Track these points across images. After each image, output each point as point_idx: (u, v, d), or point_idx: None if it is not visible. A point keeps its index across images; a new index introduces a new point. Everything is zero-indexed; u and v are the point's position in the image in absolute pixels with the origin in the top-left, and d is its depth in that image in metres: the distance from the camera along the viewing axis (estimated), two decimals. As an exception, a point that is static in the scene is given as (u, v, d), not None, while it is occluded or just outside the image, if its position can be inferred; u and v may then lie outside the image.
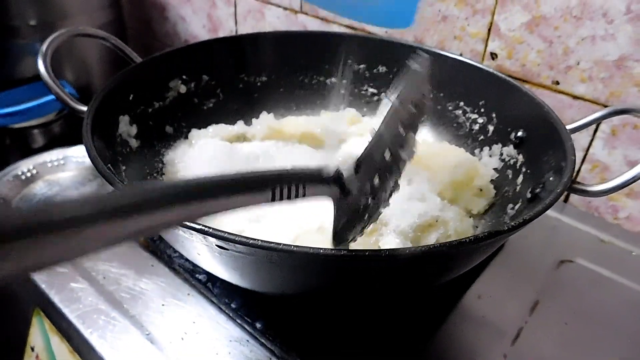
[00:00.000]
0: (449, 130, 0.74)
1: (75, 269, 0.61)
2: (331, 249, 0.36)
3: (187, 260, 0.61)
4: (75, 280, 0.59)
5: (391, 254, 0.36)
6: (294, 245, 0.35)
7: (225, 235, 0.35)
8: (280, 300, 0.56)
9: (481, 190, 0.62)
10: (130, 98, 0.60)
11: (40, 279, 0.59)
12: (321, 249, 0.35)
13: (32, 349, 0.63)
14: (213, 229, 0.36)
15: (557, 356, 0.54)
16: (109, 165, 0.46)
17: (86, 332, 0.53)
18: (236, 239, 0.35)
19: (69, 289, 0.58)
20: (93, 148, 0.44)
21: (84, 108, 0.50)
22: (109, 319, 0.55)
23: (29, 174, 0.94)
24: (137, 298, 0.58)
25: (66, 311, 0.56)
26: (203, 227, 0.36)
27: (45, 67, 0.53)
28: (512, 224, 0.41)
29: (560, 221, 0.75)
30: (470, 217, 0.62)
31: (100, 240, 0.24)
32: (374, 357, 0.52)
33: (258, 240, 0.35)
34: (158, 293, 0.58)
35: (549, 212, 0.75)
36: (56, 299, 0.57)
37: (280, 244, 0.35)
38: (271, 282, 0.46)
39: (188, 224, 0.36)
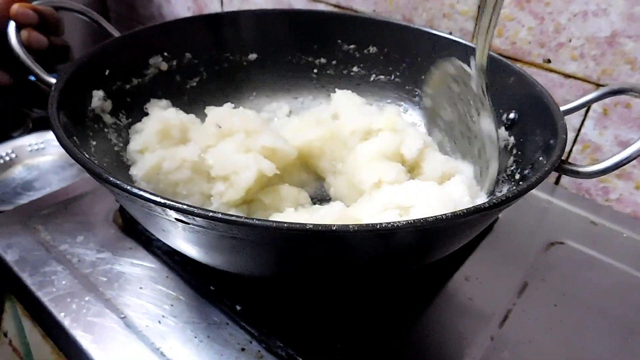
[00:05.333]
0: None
1: (49, 252, 0.58)
2: (297, 223, 0.33)
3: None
4: (49, 264, 0.57)
5: (364, 228, 0.34)
6: (256, 219, 0.33)
7: (184, 207, 0.33)
8: (259, 282, 0.55)
9: None
10: (106, 73, 0.57)
11: (13, 262, 0.57)
12: (284, 222, 0.33)
13: (5, 335, 0.61)
14: (171, 200, 0.34)
15: (545, 338, 0.53)
16: (74, 138, 0.44)
17: (59, 316, 0.51)
18: (195, 211, 0.33)
19: (42, 272, 0.56)
20: (57, 119, 0.42)
21: (54, 80, 0.48)
22: (83, 302, 0.53)
23: (7, 158, 0.92)
24: (113, 281, 0.56)
25: (39, 295, 0.54)
26: (160, 200, 0.34)
27: (16, 35, 0.51)
28: (491, 202, 0.38)
29: (551, 203, 0.73)
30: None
31: None
32: (358, 339, 0.51)
33: (218, 212, 0.33)
34: (135, 276, 0.56)
35: (539, 194, 0.75)
36: (29, 282, 0.55)
37: (241, 216, 0.33)
38: (237, 261, 0.43)
39: (146, 195, 0.34)
